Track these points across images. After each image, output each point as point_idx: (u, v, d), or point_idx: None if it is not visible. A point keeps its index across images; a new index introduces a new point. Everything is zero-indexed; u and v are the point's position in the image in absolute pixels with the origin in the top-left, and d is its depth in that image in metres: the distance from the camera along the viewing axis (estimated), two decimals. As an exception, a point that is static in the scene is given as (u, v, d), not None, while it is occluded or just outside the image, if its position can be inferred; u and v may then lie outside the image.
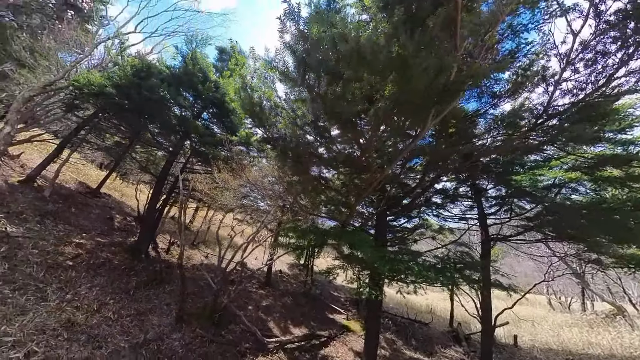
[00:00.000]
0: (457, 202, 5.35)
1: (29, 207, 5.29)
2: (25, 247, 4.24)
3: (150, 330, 3.66)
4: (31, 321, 2.88)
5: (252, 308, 6.14)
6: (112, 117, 6.93)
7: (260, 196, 6.35)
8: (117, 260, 5.46)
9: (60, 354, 2.67)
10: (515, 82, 2.97)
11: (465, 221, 5.57)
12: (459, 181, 4.94)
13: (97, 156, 12.23)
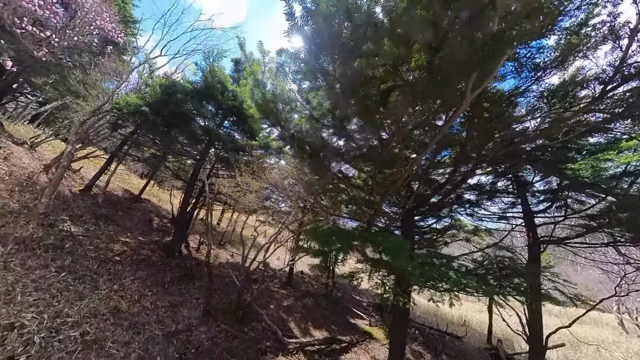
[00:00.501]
0: (495, 198, 4.66)
1: (87, 211, 6.16)
2: (84, 244, 4.92)
3: (181, 322, 3.92)
4: (86, 306, 3.29)
5: (274, 307, 6.23)
6: (148, 133, 7.82)
7: (281, 197, 6.50)
8: (155, 257, 6.04)
9: (107, 335, 2.99)
10: (568, 45, 2.29)
11: (505, 221, 4.83)
12: (497, 174, 4.22)
13: (137, 167, 13.87)
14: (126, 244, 5.95)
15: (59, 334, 2.70)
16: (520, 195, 4.25)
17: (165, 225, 8.79)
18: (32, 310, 2.82)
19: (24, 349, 2.37)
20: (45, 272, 3.63)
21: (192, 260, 6.65)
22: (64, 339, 2.66)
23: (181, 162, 10.04)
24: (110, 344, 2.87)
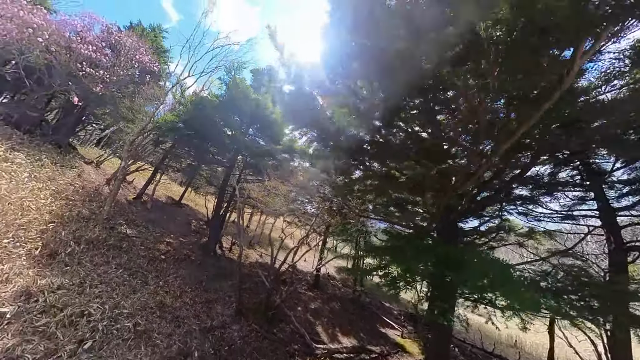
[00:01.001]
0: (557, 193, 3.75)
1: (139, 216, 7.03)
2: (136, 244, 5.58)
3: (215, 318, 4.13)
4: (138, 300, 3.68)
5: (301, 309, 6.22)
6: (184, 146, 8.72)
7: (307, 199, 6.51)
8: (193, 256, 6.56)
9: (154, 327, 3.28)
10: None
11: (572, 220, 3.85)
12: (558, 162, 3.34)
13: (177, 176, 15.70)
14: (170, 244, 6.59)
15: (117, 323, 3.05)
16: (594, 188, 3.35)
17: (201, 227, 9.57)
18: (97, 301, 3.25)
19: (91, 334, 2.72)
20: (107, 268, 4.19)
21: (225, 259, 7.07)
22: (120, 328, 2.99)
23: (213, 169, 10.93)
24: (156, 335, 3.14)
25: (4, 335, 2.24)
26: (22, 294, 2.82)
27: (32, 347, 2.29)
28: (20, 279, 3.01)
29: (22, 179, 4.40)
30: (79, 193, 5.66)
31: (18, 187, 4.20)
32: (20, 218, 3.73)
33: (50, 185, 4.98)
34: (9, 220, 3.55)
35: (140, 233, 6.25)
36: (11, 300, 2.67)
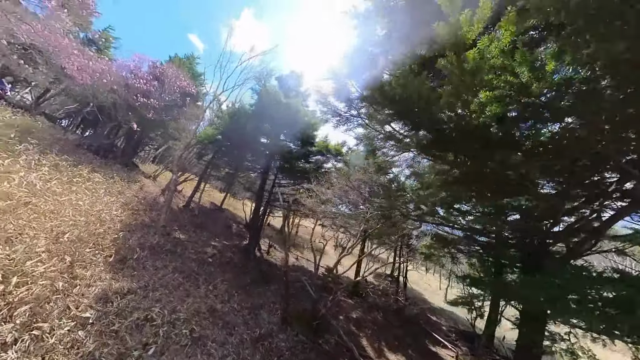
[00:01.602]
0: None
1: (189, 222, 7.64)
2: (188, 248, 5.99)
3: (263, 326, 4.04)
4: (192, 305, 3.80)
5: (343, 319, 5.84)
6: (222, 156, 9.38)
7: (344, 201, 6.12)
8: (236, 259, 6.80)
9: (208, 334, 3.30)
10: None
11: None
12: None
13: (217, 184, 17.20)
14: (215, 247, 6.96)
15: (175, 328, 3.13)
16: None
17: (241, 230, 10.04)
18: (158, 305, 3.42)
19: (154, 339, 2.81)
20: (165, 272, 4.50)
21: (264, 262, 7.16)
22: (178, 334, 3.06)
23: (249, 176, 11.52)
24: (211, 343, 3.14)
25: (87, 339, 2.42)
26: (100, 297, 3.10)
27: (107, 350, 2.43)
28: (100, 283, 3.34)
29: (99, 195, 5.09)
30: (141, 203, 6.37)
31: (97, 201, 4.85)
32: (99, 228, 4.25)
33: (120, 198, 5.69)
34: (90, 230, 4.05)
35: (190, 237, 6.74)
36: (93, 303, 2.94)
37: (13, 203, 3.18)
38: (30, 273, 2.65)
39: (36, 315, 2.32)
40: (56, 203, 3.83)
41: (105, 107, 7.68)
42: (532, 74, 1.84)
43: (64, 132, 8.34)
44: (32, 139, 4.94)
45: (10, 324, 2.09)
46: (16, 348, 1.98)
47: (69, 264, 3.20)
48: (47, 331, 2.23)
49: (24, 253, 2.79)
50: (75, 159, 5.84)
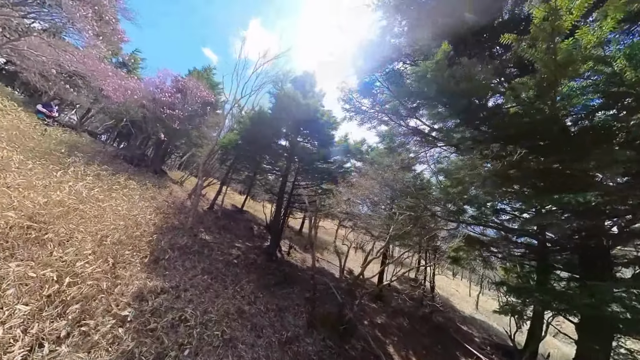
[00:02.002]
0: None
1: (213, 224, 7.94)
2: (214, 249, 6.18)
3: (289, 329, 3.96)
4: (222, 306, 3.86)
5: (368, 324, 5.57)
6: (243, 160, 9.69)
7: (366, 202, 5.91)
8: (259, 260, 6.87)
9: (238, 336, 3.30)
10: None
11: None
12: None
13: (238, 187, 17.78)
14: (239, 248, 7.11)
15: (207, 330, 3.17)
16: None
17: (262, 231, 10.22)
18: (190, 306, 3.51)
19: (188, 340, 2.86)
20: (195, 273, 4.65)
21: (285, 263, 7.16)
22: (210, 335, 3.09)
23: (267, 178, 11.77)
24: (241, 346, 3.12)
25: (126, 336, 2.52)
26: (137, 296, 3.26)
27: (145, 349, 2.50)
28: (137, 282, 3.52)
29: (135, 200, 5.47)
30: (171, 207, 6.75)
31: (133, 206, 5.21)
32: (135, 231, 4.53)
33: (153, 203, 6.07)
34: (128, 233, 4.33)
35: (216, 239, 6.97)
36: (131, 301, 3.09)
37: (64, 209, 3.49)
38: (80, 274, 2.85)
39: (84, 313, 2.47)
40: (99, 209, 4.16)
41: (137, 121, 8.50)
42: (629, 63, 1.58)
43: (103, 145, 9.30)
44: (78, 153, 5.51)
45: (63, 320, 2.23)
46: (68, 342, 2.10)
47: (111, 265, 3.41)
48: (92, 327, 2.36)
49: (74, 255, 3.02)
50: (113, 168, 6.39)
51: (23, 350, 1.82)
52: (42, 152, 4.78)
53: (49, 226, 3.09)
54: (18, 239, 2.69)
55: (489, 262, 5.82)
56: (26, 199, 3.14)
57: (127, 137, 13.32)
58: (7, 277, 2.24)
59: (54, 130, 6.47)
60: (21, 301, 2.12)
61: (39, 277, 2.43)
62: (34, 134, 5.30)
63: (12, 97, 7.37)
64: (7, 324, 1.89)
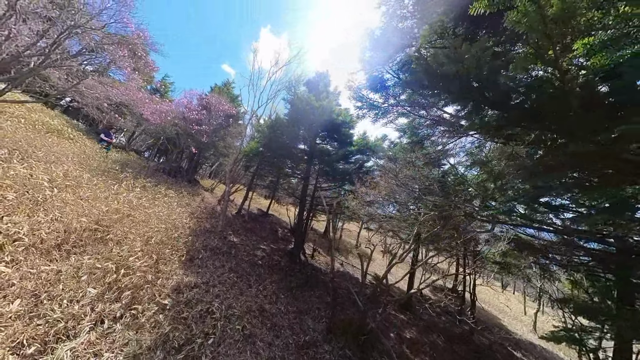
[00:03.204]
0: None
1: (240, 227, 8.75)
2: (241, 250, 6.83)
3: (308, 333, 4.12)
4: (244, 303, 4.27)
5: (395, 337, 5.31)
6: (265, 166, 10.51)
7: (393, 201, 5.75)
8: (283, 262, 7.28)
9: (257, 332, 3.61)
10: None
11: None
12: None
13: (263, 192, 19.30)
14: (264, 250, 7.68)
15: (230, 323, 3.57)
16: None
17: (286, 234, 10.77)
18: (217, 300, 4.00)
19: (212, 330, 3.28)
20: (223, 271, 5.24)
21: (309, 266, 7.40)
22: (232, 329, 3.47)
23: (290, 182, 12.41)
24: (259, 343, 3.41)
25: (165, 321, 3.05)
26: (175, 289, 3.88)
27: (178, 334, 2.98)
28: (175, 277, 4.19)
29: (173, 207, 6.49)
30: (203, 212, 7.74)
31: (172, 212, 6.19)
32: (174, 233, 5.38)
33: (188, 209, 7.08)
34: (169, 235, 5.18)
35: (242, 241, 7.68)
36: (170, 292, 3.71)
37: (120, 216, 4.42)
38: (132, 266, 3.58)
39: (134, 299, 3.09)
40: (146, 215, 5.10)
41: (172, 138, 10.16)
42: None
43: (147, 161, 11.35)
44: (128, 169, 6.90)
45: (119, 303, 2.86)
46: (121, 322, 2.69)
47: (155, 261, 4.15)
48: (140, 312, 2.94)
49: (127, 252, 3.80)
50: (155, 180, 7.71)
51: (90, 323, 2.43)
52: (102, 170, 6.13)
53: (109, 229, 3.96)
54: (88, 239, 3.54)
55: (549, 271, 4.87)
56: (93, 207, 4.11)
57: (165, 152, 15.94)
58: (82, 267, 3.00)
59: (112, 153, 8.28)
60: (90, 285, 2.81)
61: (103, 267, 3.16)
62: (96, 156, 6.86)
63: (78, 127, 9.69)
64: (81, 302, 2.55)
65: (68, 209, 3.75)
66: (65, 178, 4.56)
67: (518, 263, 5.07)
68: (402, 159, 5.44)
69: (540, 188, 3.47)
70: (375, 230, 7.66)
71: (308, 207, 9.35)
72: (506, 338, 7.26)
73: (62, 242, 3.24)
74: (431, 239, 5.25)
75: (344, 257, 10.23)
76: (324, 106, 6.95)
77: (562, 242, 4.09)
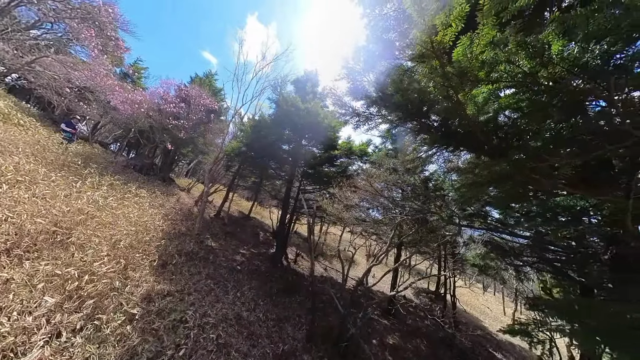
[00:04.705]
0: None
1: (219, 230, 8.57)
2: (219, 255, 6.72)
3: (287, 342, 4.19)
4: (220, 310, 4.24)
5: (377, 344, 5.54)
6: (248, 166, 10.35)
7: (374, 206, 6.01)
8: (263, 267, 7.27)
9: (233, 342, 3.62)
10: None
11: None
12: None
13: (244, 193, 18.93)
14: (244, 255, 7.60)
15: (204, 332, 3.54)
16: None
17: (268, 238, 10.71)
18: (192, 308, 3.94)
19: (185, 341, 3.25)
20: (199, 278, 5.14)
21: (291, 271, 7.45)
22: (206, 338, 3.45)
23: (274, 184, 12.34)
24: (234, 353, 3.43)
25: (133, 333, 2.97)
26: (145, 297, 3.76)
27: (147, 346, 2.92)
28: (145, 284, 4.06)
29: (145, 207, 6.22)
30: (178, 214, 7.49)
31: (144, 213, 5.94)
32: (145, 236, 5.18)
33: (161, 210, 6.82)
34: (139, 238, 4.98)
35: (221, 245, 7.55)
36: (139, 302, 3.60)
37: (84, 217, 4.19)
38: (97, 272, 3.42)
39: (98, 309, 2.98)
40: (113, 216, 4.86)
41: (144, 131, 9.62)
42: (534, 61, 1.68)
43: (114, 155, 10.50)
44: (92, 164, 6.42)
45: (80, 313, 2.74)
46: (82, 334, 2.58)
47: (123, 267, 3.99)
48: (104, 322, 2.84)
49: (92, 256, 3.62)
50: (125, 178, 7.31)
51: (45, 337, 2.32)
52: (61, 164, 5.60)
53: (71, 231, 3.75)
54: (45, 242, 3.34)
55: (523, 272, 5.37)
56: (52, 207, 3.86)
57: (136, 146, 14.97)
58: (38, 274, 2.83)
59: (73, 145, 7.58)
60: (47, 294, 2.67)
61: (63, 274, 3.00)
62: (53, 148, 6.20)
63: (29, 112, 8.69)
64: (35, 314, 2.42)
65: (20, 209, 3.49)
66: (16, 172, 4.23)
67: (495, 265, 5.54)
68: (386, 165, 5.74)
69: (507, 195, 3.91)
70: (358, 234, 7.92)
71: (291, 209, 9.40)
72: (488, 339, 7.83)
73: (12, 247, 3.03)
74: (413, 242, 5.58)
75: (328, 262, 10.40)
76: (310, 109, 7.07)
77: (532, 245, 4.57)
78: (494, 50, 1.75)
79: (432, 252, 6.98)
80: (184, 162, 17.73)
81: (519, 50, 1.66)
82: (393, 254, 7.18)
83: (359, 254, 8.52)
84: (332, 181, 6.33)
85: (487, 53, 1.77)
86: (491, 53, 1.76)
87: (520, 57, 1.70)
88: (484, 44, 1.75)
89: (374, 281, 5.15)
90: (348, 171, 7.33)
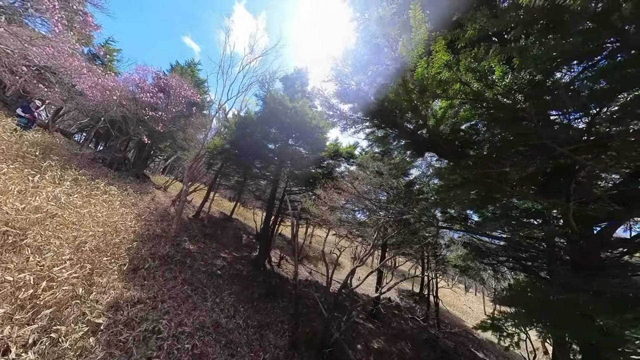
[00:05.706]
0: None
1: (199, 232, 8.26)
2: (197, 259, 6.47)
3: (268, 350, 4.14)
4: (197, 318, 4.09)
5: (362, 348, 5.64)
6: (231, 165, 10.05)
7: (359, 208, 6.12)
8: (245, 271, 7.11)
9: (209, 352, 3.51)
10: None
11: None
12: None
13: (227, 192, 18.28)
14: (225, 259, 7.39)
15: (179, 343, 3.40)
16: None
17: (251, 241, 10.50)
18: (166, 317, 3.76)
19: (157, 353, 3.10)
20: (175, 284, 4.92)
21: (274, 275, 7.36)
22: (180, 349, 3.32)
23: (258, 184, 12.12)
24: (212, 362, 3.33)
25: (96, 346, 2.78)
26: (112, 305, 3.53)
27: (114, 360, 2.75)
28: (113, 291, 3.81)
29: (115, 207, 5.84)
30: (153, 214, 7.12)
31: (113, 213, 5.57)
32: (114, 238, 4.86)
33: (134, 210, 6.44)
34: (107, 240, 4.66)
35: (200, 248, 7.28)
36: (105, 310, 3.37)
37: (42, 216, 3.85)
38: (57, 278, 3.16)
39: (55, 319, 2.75)
40: (78, 215, 4.51)
41: (116, 121, 8.87)
42: (480, 83, 2.06)
43: (79, 147, 9.56)
44: (53, 156, 5.86)
45: (33, 325, 2.51)
46: (35, 349, 2.37)
47: (89, 272, 3.71)
48: (63, 334, 2.63)
49: (51, 260, 3.34)
50: (92, 173, 6.80)
51: (-8, 352, 2.11)
52: (15, 155, 5.00)
53: (26, 232, 3.43)
54: (-5, 245, 3.03)
55: (500, 272, 5.77)
56: (2, 204, 3.51)
57: (106, 138, 13.81)
58: (-17, 282, 2.56)
59: (29, 133, 6.80)
60: (-6, 305, 2.42)
61: (15, 280, 2.74)
62: (4, 135, 5.48)
63: None
64: (-20, 327, 2.19)
65: (-37, 207, 3.15)
66: (-41, 165, 3.80)
67: (475, 266, 5.90)
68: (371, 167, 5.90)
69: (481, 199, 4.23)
70: (343, 236, 8.02)
71: (276, 211, 9.30)
72: (470, 339, 8.24)
73: (-48, 250, 2.72)
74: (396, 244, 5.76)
75: (313, 265, 10.41)
76: (297, 108, 7.06)
77: (507, 246, 4.94)
78: (448, 71, 2.08)
79: (415, 254, 7.27)
80: (161, 157, 16.73)
81: (468, 73, 2.02)
82: (378, 256, 7.37)
83: (344, 256, 8.61)
84: (318, 182, 6.36)
85: (443, 74, 2.12)
86: (447, 74, 2.10)
87: (470, 79, 2.04)
88: (438, 66, 2.12)
89: (358, 283, 5.25)
90: (334, 173, 7.40)
